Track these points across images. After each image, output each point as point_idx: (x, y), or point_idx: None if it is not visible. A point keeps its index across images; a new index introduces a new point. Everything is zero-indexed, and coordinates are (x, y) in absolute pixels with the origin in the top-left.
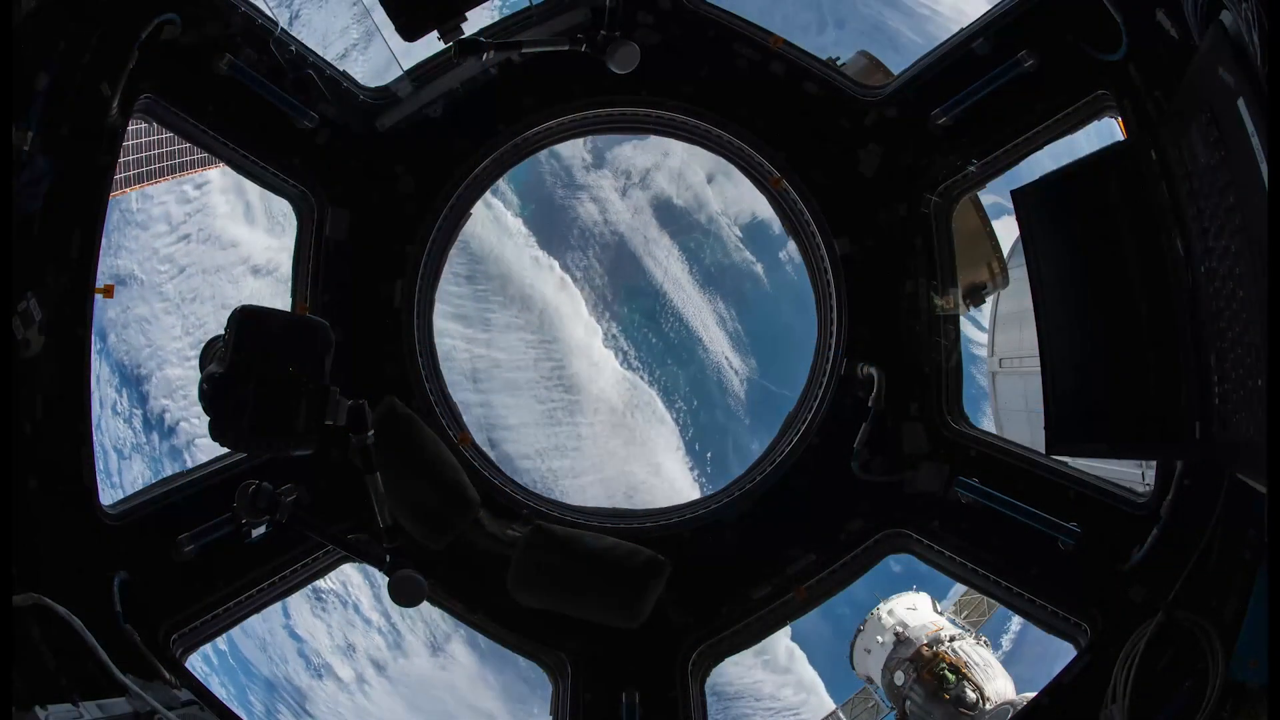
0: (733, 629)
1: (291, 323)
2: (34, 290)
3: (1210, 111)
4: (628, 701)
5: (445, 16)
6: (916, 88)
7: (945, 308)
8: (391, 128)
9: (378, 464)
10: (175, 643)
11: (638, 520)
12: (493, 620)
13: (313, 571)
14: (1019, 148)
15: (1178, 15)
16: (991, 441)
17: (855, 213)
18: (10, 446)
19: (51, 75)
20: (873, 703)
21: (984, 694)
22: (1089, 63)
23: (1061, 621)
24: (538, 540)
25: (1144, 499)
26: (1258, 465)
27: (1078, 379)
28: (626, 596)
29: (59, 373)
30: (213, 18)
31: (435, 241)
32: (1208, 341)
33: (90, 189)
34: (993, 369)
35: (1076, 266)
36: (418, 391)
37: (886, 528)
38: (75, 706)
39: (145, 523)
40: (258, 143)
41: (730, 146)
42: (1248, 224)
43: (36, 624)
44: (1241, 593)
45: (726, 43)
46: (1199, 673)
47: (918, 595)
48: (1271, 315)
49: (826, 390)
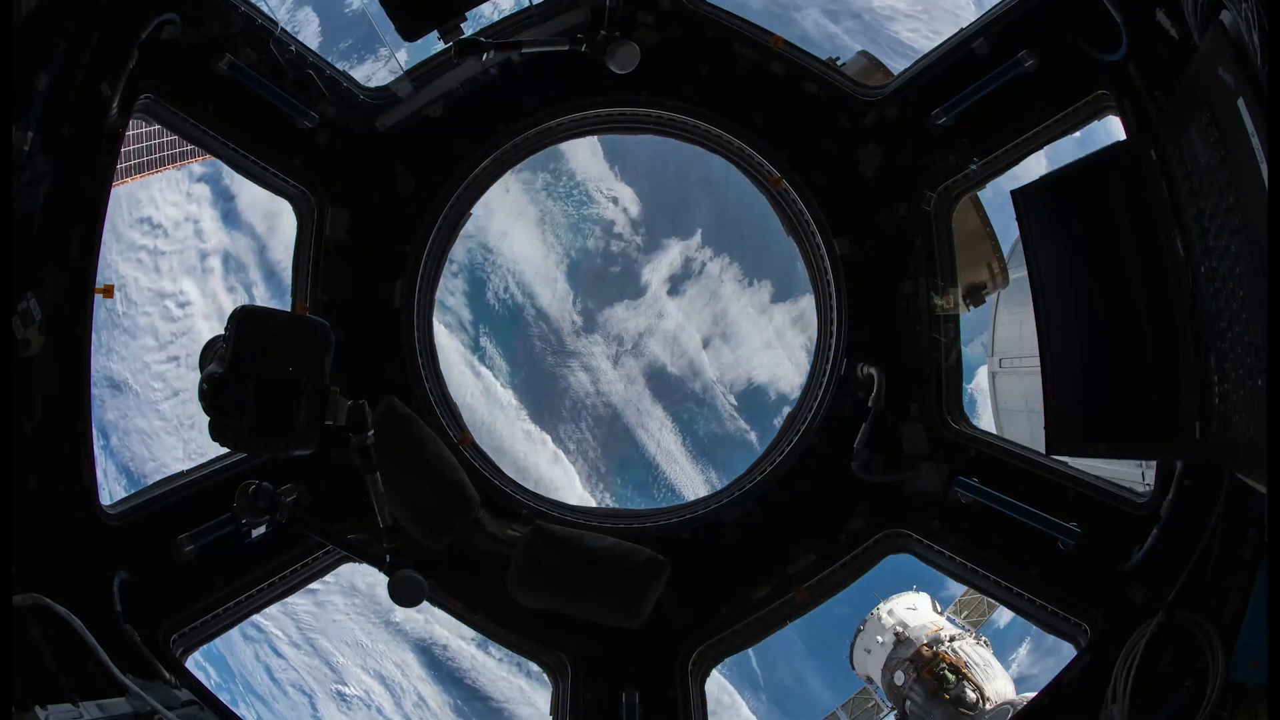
0: (733, 629)
1: (291, 323)
2: (34, 290)
3: (1210, 111)
4: (628, 701)
5: (445, 16)
6: (916, 88)
7: (945, 307)
8: (391, 128)
9: (378, 464)
10: (175, 643)
11: (638, 520)
12: (493, 620)
13: (313, 571)
14: (1019, 148)
15: (1178, 15)
16: (991, 441)
17: (855, 213)
18: (10, 446)
19: (51, 75)
20: (873, 703)
21: (984, 694)
22: (1089, 63)
23: (1061, 621)
24: (538, 540)
25: (1144, 499)
26: (1258, 465)
27: (1078, 379)
28: (626, 596)
29: (59, 373)
30: (213, 18)
31: (435, 241)
32: (1208, 341)
33: (90, 189)
34: (993, 369)
35: (1076, 266)
36: (418, 391)
37: (886, 528)
38: (75, 706)
39: (145, 523)
40: (258, 143)
41: (730, 146)
42: (1248, 224)
43: (36, 624)
44: (1241, 593)
45: (726, 43)
46: (1199, 673)
47: (918, 595)
48: (1271, 315)
49: (826, 390)
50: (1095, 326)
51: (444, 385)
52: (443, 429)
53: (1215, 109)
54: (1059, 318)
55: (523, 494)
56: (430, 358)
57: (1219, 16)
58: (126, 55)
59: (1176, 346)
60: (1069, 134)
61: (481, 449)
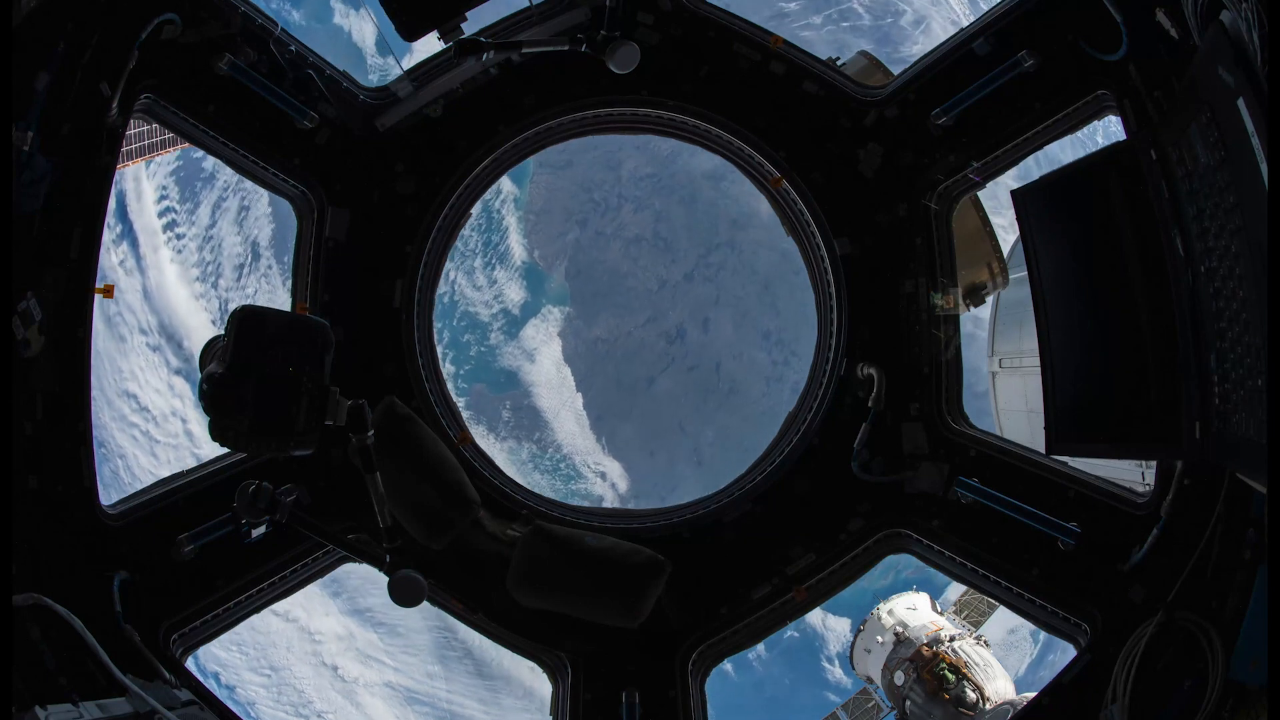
0: (733, 629)
1: (291, 323)
2: (34, 290)
3: (1210, 111)
4: (628, 701)
5: (445, 16)
6: (916, 88)
7: (945, 307)
8: (391, 128)
9: (378, 464)
10: (175, 643)
11: (638, 520)
12: (493, 620)
13: (313, 571)
14: (1019, 148)
15: (1178, 15)
16: (991, 441)
17: (855, 213)
18: (10, 446)
19: (51, 75)
20: (873, 703)
21: (984, 694)
22: (1089, 63)
23: (1061, 621)
24: (537, 540)
25: (1144, 499)
26: (1258, 465)
27: (1078, 379)
28: (626, 596)
29: (59, 373)
30: (213, 18)
31: (435, 241)
32: (1208, 341)
33: (90, 189)
34: (992, 369)
35: (1076, 266)
36: (418, 391)
37: (886, 528)
38: (75, 706)
39: (145, 523)
40: (258, 143)
41: (730, 146)
42: (1248, 224)
43: (36, 624)
44: (1241, 593)
45: (726, 43)
46: (1199, 673)
47: (918, 595)
48: (1271, 315)
49: (826, 390)
50: (1095, 326)
51: (444, 385)
52: (443, 429)
53: (1215, 109)
54: (1059, 318)
55: (523, 494)
56: (430, 358)
57: (1219, 16)
58: (126, 55)
59: (1176, 346)
60: (1069, 134)
61: (481, 449)
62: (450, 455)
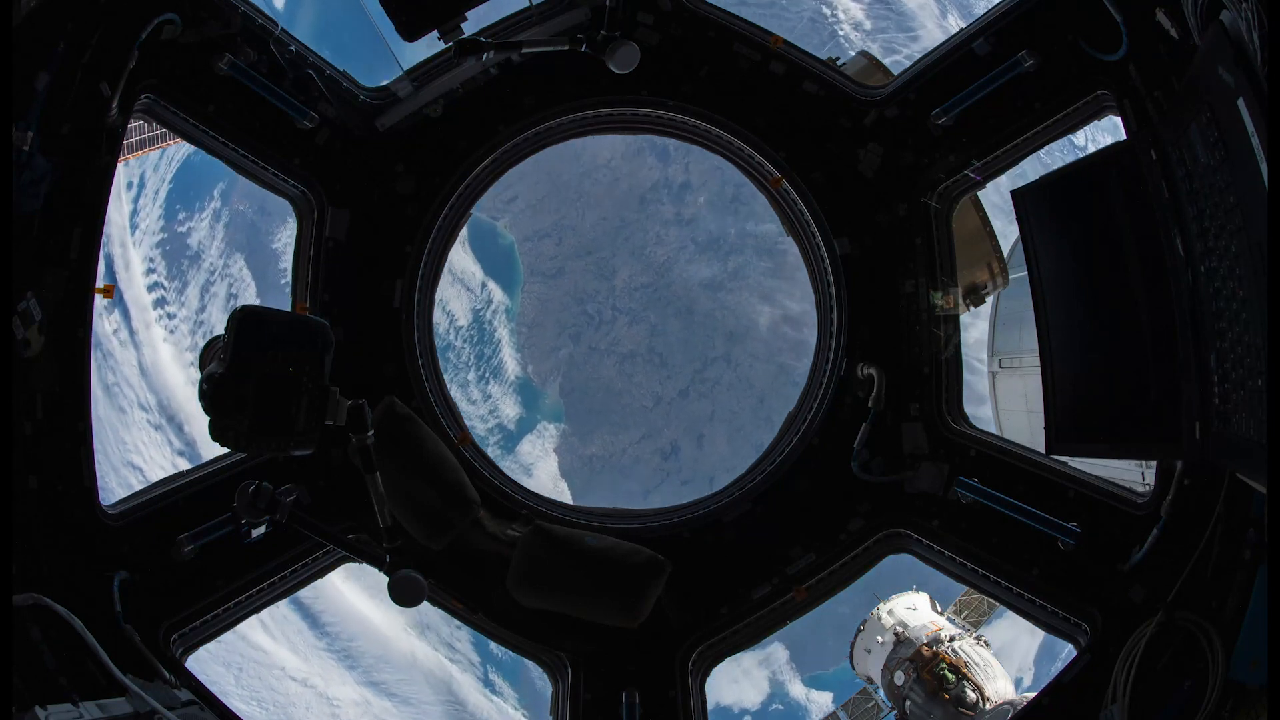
0: (733, 629)
1: (291, 323)
2: (34, 290)
3: (1210, 111)
4: (628, 701)
5: (445, 16)
6: (916, 88)
7: (945, 307)
8: (391, 128)
9: (377, 464)
10: (175, 643)
11: (638, 520)
12: (493, 620)
13: (313, 571)
14: (1019, 148)
15: (1178, 15)
16: (991, 441)
17: (855, 213)
18: (10, 446)
19: (51, 75)
20: (873, 703)
21: (984, 694)
22: (1089, 63)
23: (1061, 621)
24: (537, 540)
25: (1144, 499)
26: (1258, 465)
27: (1078, 379)
28: (626, 596)
29: (59, 373)
30: (213, 18)
31: (435, 241)
32: (1208, 341)
33: (90, 189)
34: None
35: (1076, 266)
36: (418, 391)
37: (886, 528)
38: (75, 706)
39: (145, 523)
40: (257, 143)
41: (730, 146)
42: (1248, 224)
43: (36, 624)
44: (1241, 593)
45: (727, 43)
46: (1199, 673)
47: (918, 595)
48: (1271, 315)
49: (826, 390)
50: (1095, 326)
51: (444, 385)
52: (443, 429)
53: (1215, 109)
54: (1059, 318)
55: (523, 494)
56: (430, 358)
57: (1219, 16)
58: (126, 55)
59: (1176, 346)
60: (1069, 134)
61: (481, 449)
62: (450, 455)
